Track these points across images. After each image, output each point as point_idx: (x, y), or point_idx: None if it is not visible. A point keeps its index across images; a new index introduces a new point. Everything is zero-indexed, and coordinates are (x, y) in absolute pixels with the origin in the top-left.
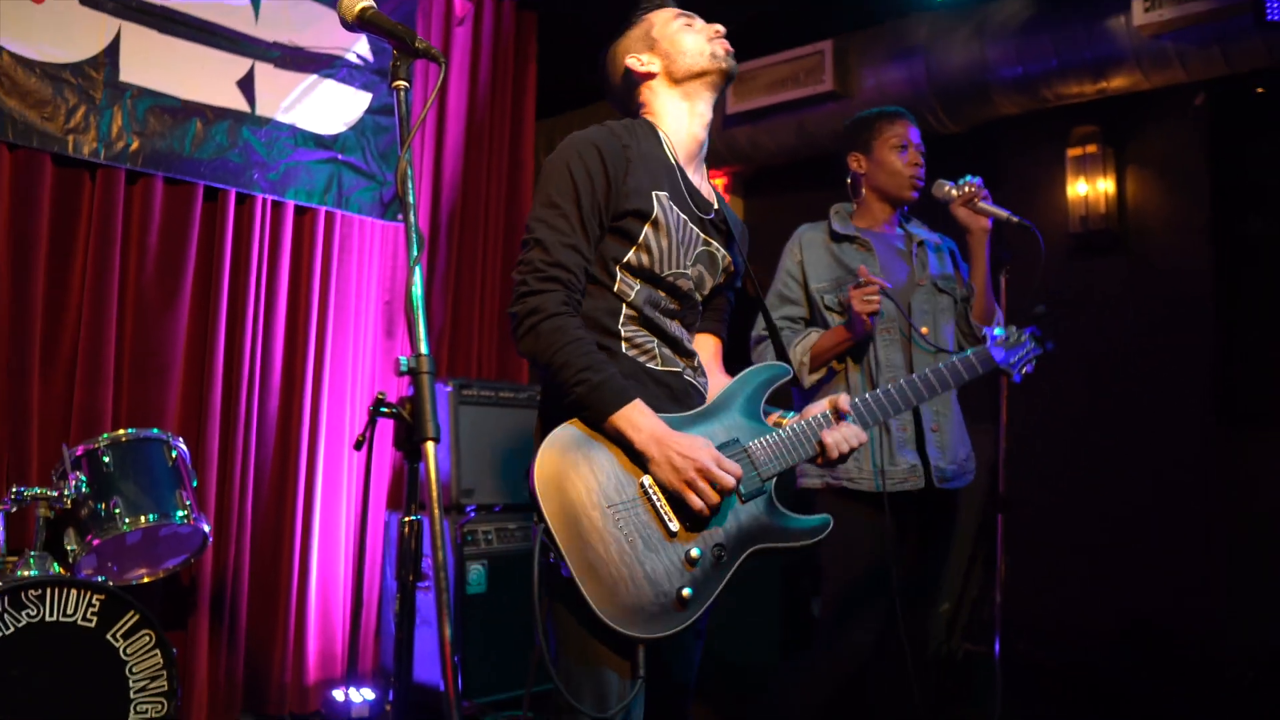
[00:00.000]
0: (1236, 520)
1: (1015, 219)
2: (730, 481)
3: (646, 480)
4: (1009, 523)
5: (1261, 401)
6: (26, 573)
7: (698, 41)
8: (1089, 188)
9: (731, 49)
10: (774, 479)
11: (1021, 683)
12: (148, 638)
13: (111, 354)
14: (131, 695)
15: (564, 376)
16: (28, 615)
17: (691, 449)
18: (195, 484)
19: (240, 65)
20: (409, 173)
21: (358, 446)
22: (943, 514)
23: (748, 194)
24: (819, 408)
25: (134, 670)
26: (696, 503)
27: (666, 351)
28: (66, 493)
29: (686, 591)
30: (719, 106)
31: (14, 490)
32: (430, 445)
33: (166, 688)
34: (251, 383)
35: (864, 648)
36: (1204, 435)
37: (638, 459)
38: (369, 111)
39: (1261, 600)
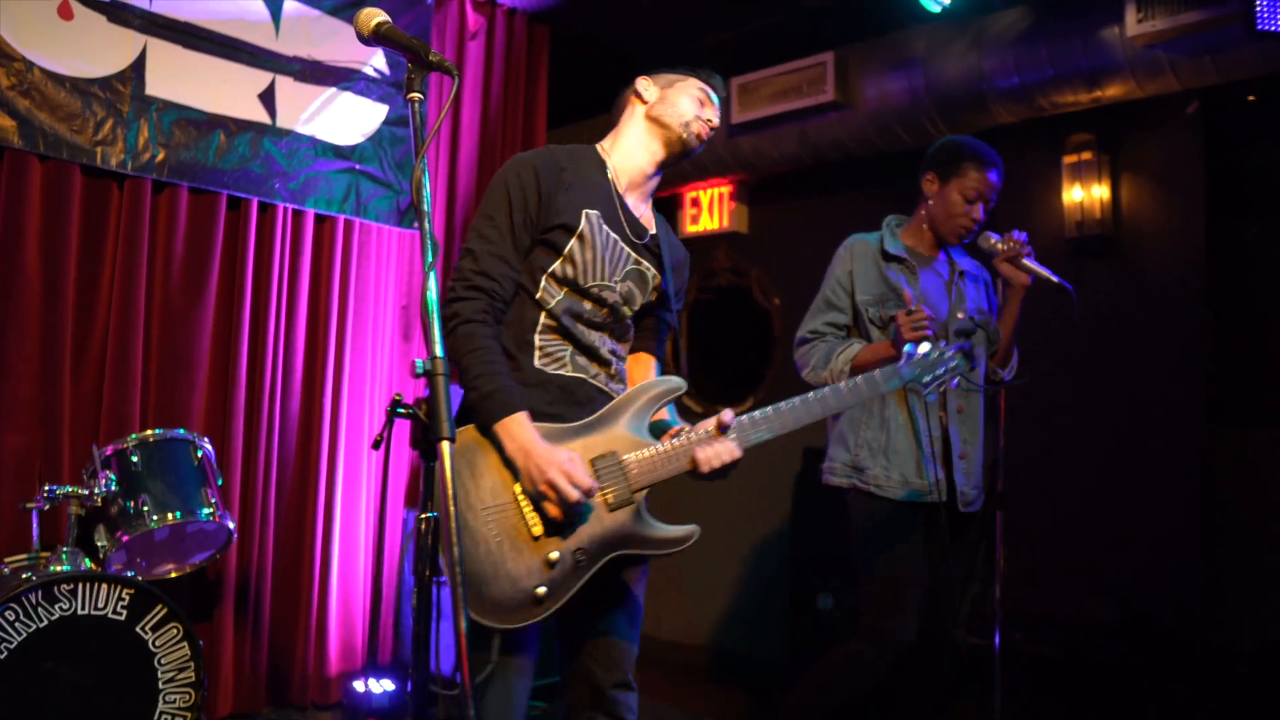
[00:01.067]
0: (1230, 516)
1: (1055, 280)
2: (574, 495)
3: (518, 487)
4: (1007, 519)
5: (1252, 401)
6: (59, 568)
7: (690, 110)
8: (1084, 194)
9: (706, 138)
10: (645, 490)
11: (1021, 675)
12: (175, 630)
13: (139, 357)
14: (160, 686)
15: (465, 380)
16: (60, 608)
17: (547, 463)
18: (220, 482)
19: (262, 79)
20: (424, 181)
21: (375, 446)
22: (961, 529)
23: (752, 202)
24: (707, 424)
25: (162, 661)
26: (551, 509)
27: (580, 359)
28: (97, 491)
29: (541, 590)
30: (724, 116)
31: (47, 489)
32: (445, 444)
33: (194, 678)
34: (274, 385)
35: (907, 641)
36: (1197, 433)
37: (511, 465)
38: (385, 123)
39: (1256, 594)
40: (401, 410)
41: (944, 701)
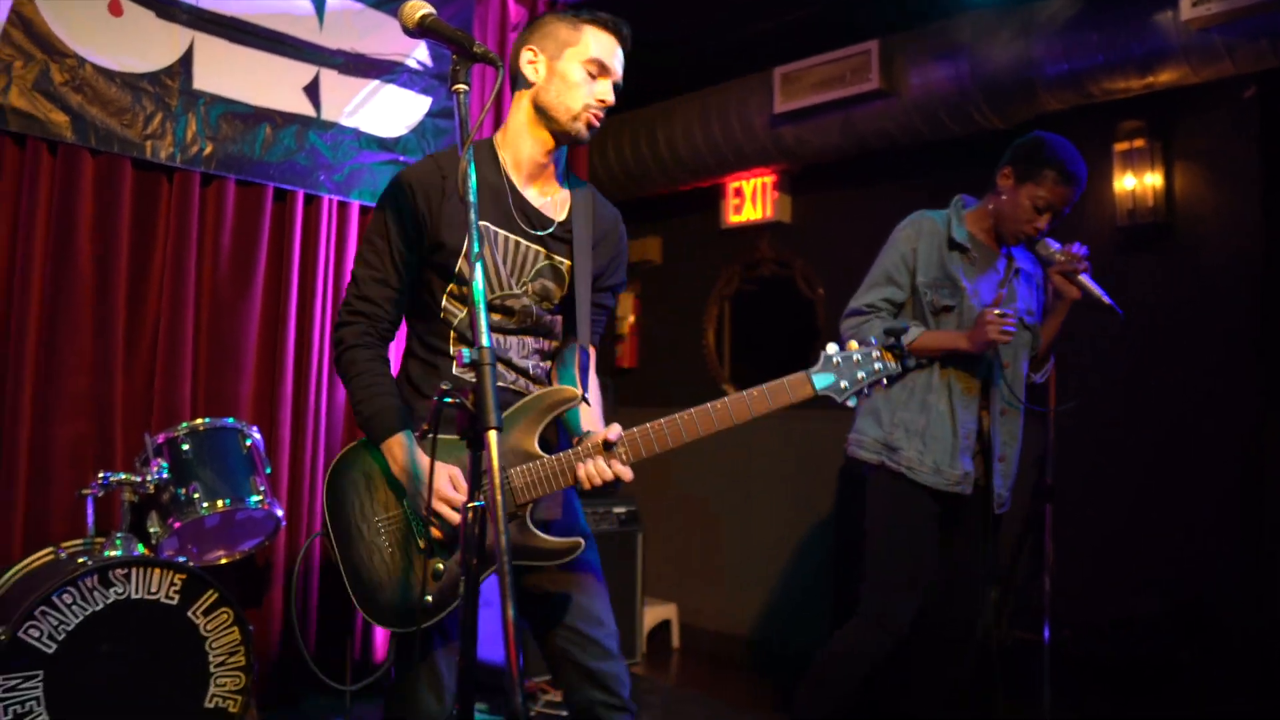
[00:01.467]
0: None
1: (1106, 302)
2: (455, 519)
3: (406, 501)
4: (1056, 511)
5: None
6: (113, 553)
7: (577, 99)
8: (1136, 182)
9: (598, 124)
10: (530, 505)
11: (1070, 669)
12: (226, 615)
13: (189, 348)
14: (211, 669)
15: (351, 402)
16: (115, 593)
17: (425, 486)
18: (269, 470)
19: (306, 72)
20: (470, 172)
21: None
22: (991, 529)
23: (795, 191)
24: (595, 438)
25: (213, 645)
26: (434, 531)
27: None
28: (149, 479)
29: (429, 598)
30: (766, 105)
31: (101, 476)
32: (492, 434)
33: (244, 662)
34: (320, 373)
35: (902, 625)
36: (1247, 423)
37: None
38: (429, 115)
39: None
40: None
41: (955, 696)
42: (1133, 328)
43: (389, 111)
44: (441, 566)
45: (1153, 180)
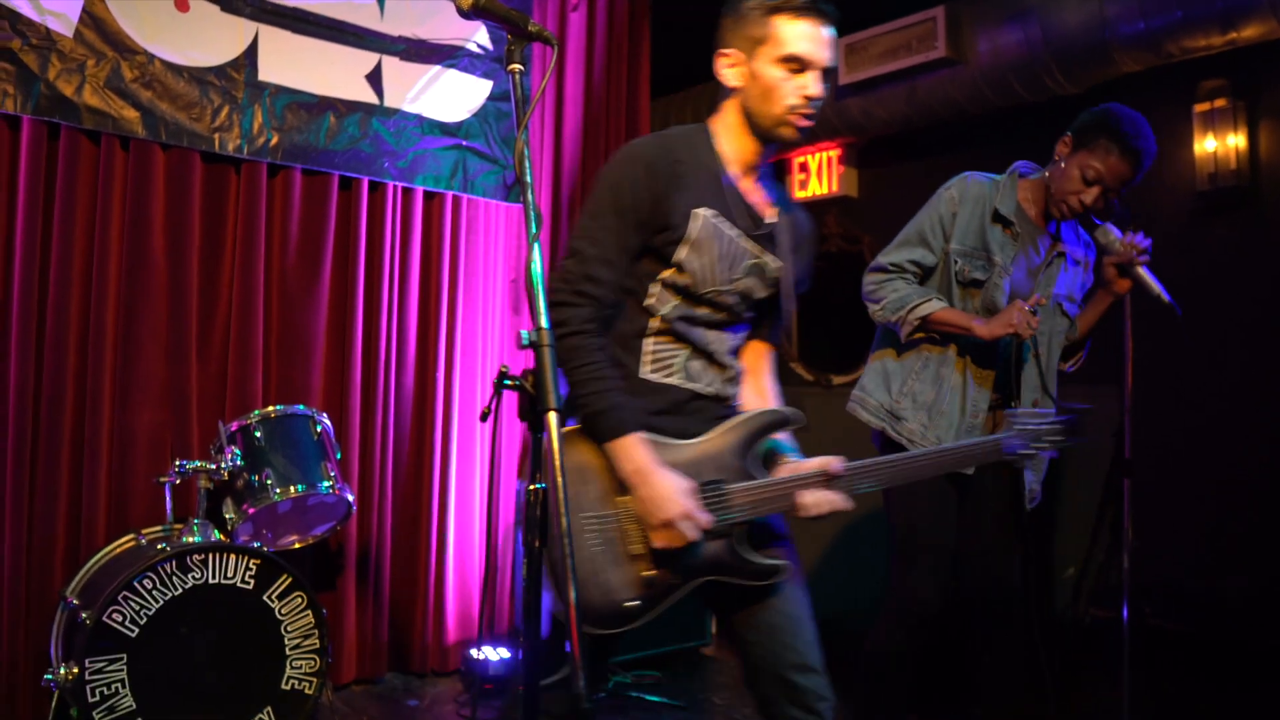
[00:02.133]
0: None
1: (1165, 299)
2: (691, 537)
3: (625, 500)
4: (1135, 487)
5: None
6: (191, 539)
7: (782, 104)
8: (1218, 144)
9: (809, 122)
10: (747, 528)
11: (1150, 648)
12: (300, 599)
13: (260, 336)
14: (287, 651)
15: (575, 394)
16: (193, 578)
17: (670, 501)
18: (339, 456)
19: (368, 60)
20: (525, 153)
21: (483, 418)
22: (1018, 507)
23: (861, 164)
24: (812, 464)
25: (288, 629)
26: (658, 542)
27: (695, 365)
28: (223, 465)
29: (632, 604)
30: (831, 77)
31: (178, 464)
32: (552, 415)
33: (318, 645)
34: (388, 360)
35: (925, 605)
36: None
37: (617, 479)
38: (490, 98)
39: None
40: (508, 382)
41: (1016, 679)
42: (1214, 298)
43: (451, 96)
44: (651, 574)
45: (1235, 141)
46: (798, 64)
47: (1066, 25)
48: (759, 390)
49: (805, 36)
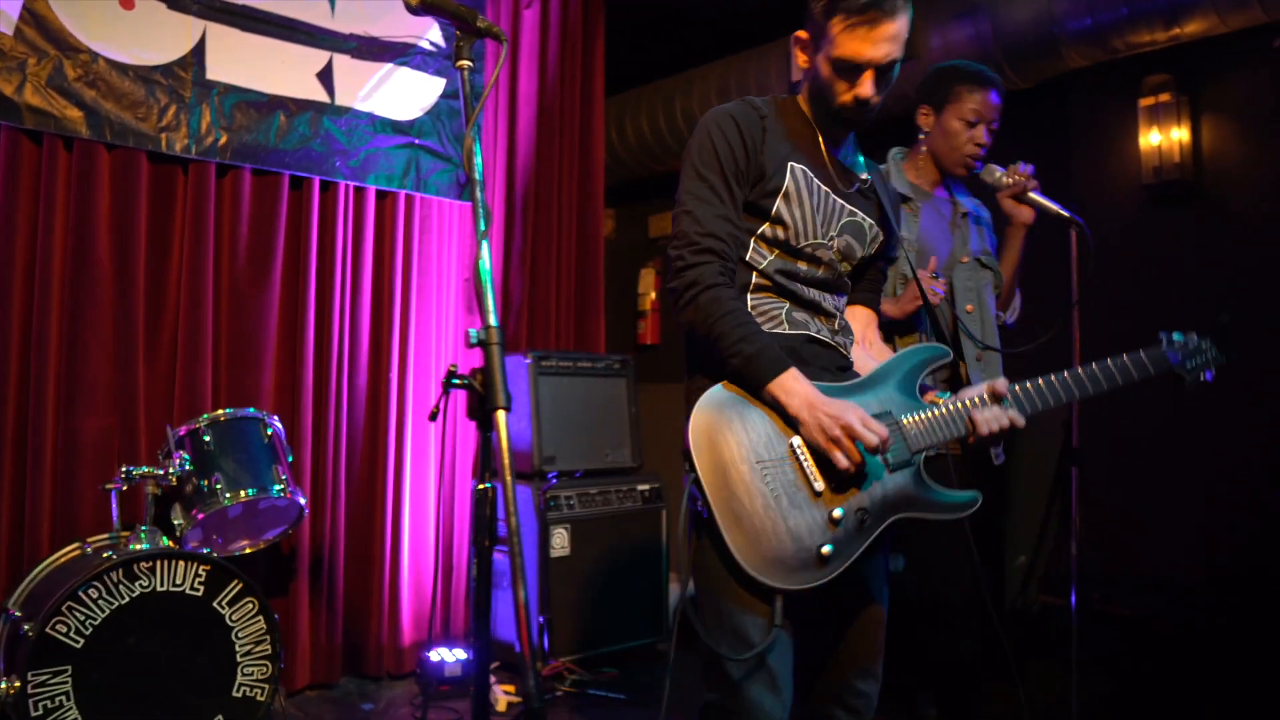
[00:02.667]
0: None
1: (1065, 214)
2: (874, 440)
3: (796, 441)
4: (1084, 476)
5: None
6: (138, 546)
7: (835, 102)
8: (1162, 138)
9: (865, 115)
10: (923, 453)
11: (1099, 634)
12: (251, 605)
13: (209, 339)
14: (238, 658)
15: (722, 347)
16: (140, 585)
17: (841, 411)
18: (291, 459)
19: (319, 58)
20: (475, 150)
21: (432, 418)
22: (978, 478)
23: None
24: (975, 391)
25: (239, 635)
26: (841, 461)
27: (798, 315)
28: (172, 471)
29: (826, 549)
30: (785, 74)
31: (124, 470)
32: (501, 414)
33: (270, 651)
34: (341, 361)
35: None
36: None
37: (790, 422)
38: (443, 96)
39: None
40: (456, 381)
41: (1018, 659)
42: (1161, 287)
43: (403, 94)
44: (840, 514)
45: (1179, 135)
46: (850, 66)
47: (1016, 21)
48: (876, 351)
49: (860, 38)
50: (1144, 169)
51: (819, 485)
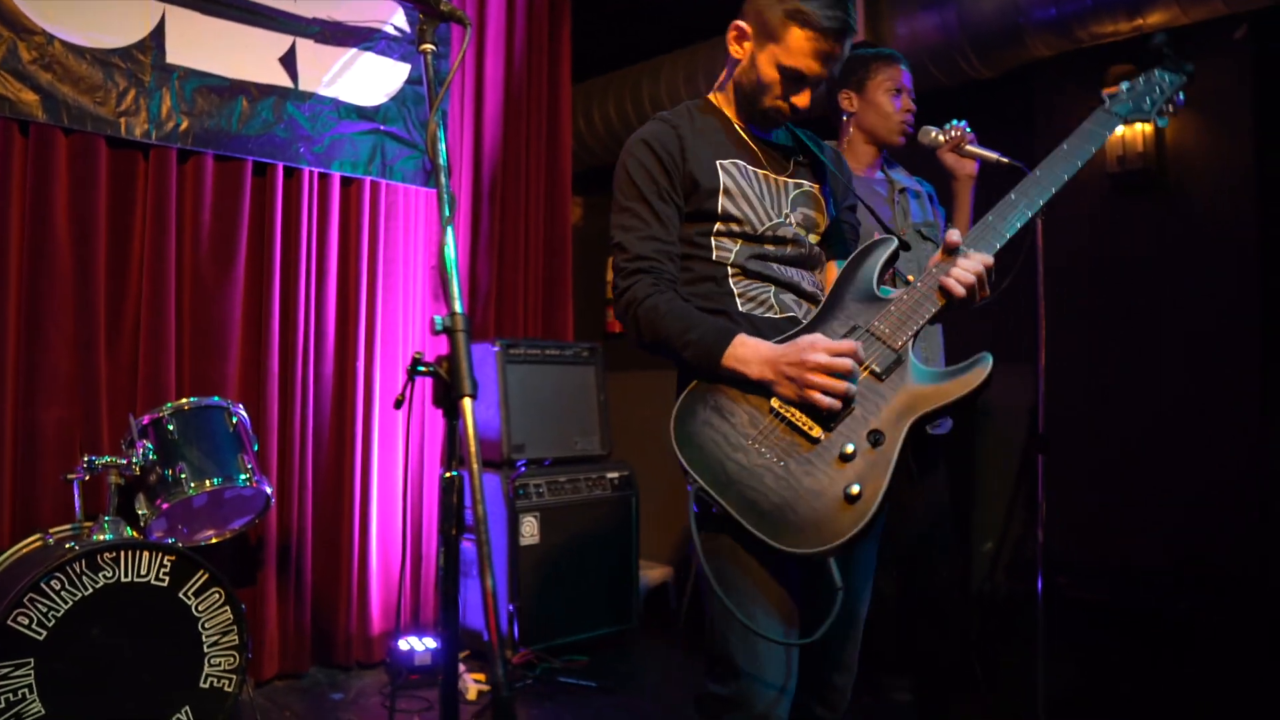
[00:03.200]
0: None
1: (1005, 160)
2: (845, 364)
3: (774, 403)
4: (1050, 462)
5: None
6: (102, 537)
7: (770, 103)
8: (1126, 128)
9: (793, 118)
10: (909, 343)
11: (1065, 620)
12: (217, 595)
13: (172, 327)
14: (205, 649)
15: (673, 348)
16: (104, 576)
17: (797, 355)
18: (256, 448)
19: (282, 42)
20: (440, 136)
21: (397, 405)
22: (931, 459)
23: None
24: (932, 260)
25: (206, 626)
26: (825, 401)
27: (786, 298)
28: (135, 460)
29: (854, 488)
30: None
31: (86, 459)
32: (467, 401)
33: (237, 641)
34: (307, 349)
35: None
36: (1250, 372)
37: (758, 389)
38: (408, 82)
39: None
40: (422, 368)
41: (984, 645)
42: (1127, 276)
43: (368, 80)
44: (851, 448)
45: (1143, 125)
46: (798, 76)
47: (982, 10)
48: None
49: (815, 55)
50: (1108, 158)
51: (814, 432)
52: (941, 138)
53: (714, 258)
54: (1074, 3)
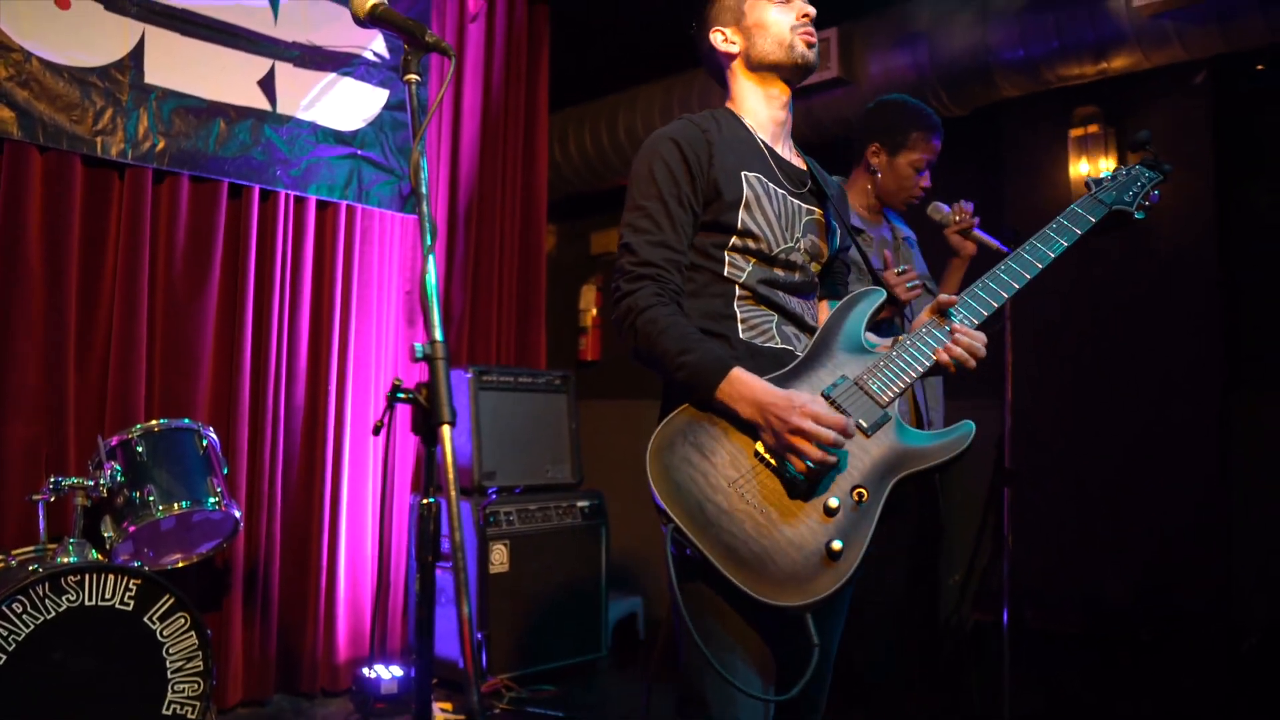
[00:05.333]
0: (1244, 487)
1: (1004, 250)
2: (829, 436)
3: (759, 447)
4: (1016, 495)
5: (1268, 369)
6: (66, 559)
7: (780, 28)
8: (1091, 167)
9: (815, 39)
10: (895, 402)
11: (1030, 651)
12: (183, 620)
13: (143, 348)
14: (169, 675)
15: (666, 366)
16: (68, 600)
17: (788, 410)
18: (226, 471)
19: (261, 65)
20: (422, 164)
21: (376, 432)
22: (928, 490)
23: None
24: (922, 319)
25: (170, 651)
26: (799, 465)
27: (787, 329)
28: (102, 482)
29: (836, 544)
30: (728, 94)
31: (52, 480)
32: (446, 429)
33: (202, 667)
34: (279, 373)
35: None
36: (1210, 404)
37: (746, 427)
38: (386, 108)
39: (1270, 567)
40: (401, 395)
41: (951, 675)
42: (1092, 313)
43: (346, 105)
44: (835, 503)
45: (1107, 165)
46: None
47: (953, 49)
48: None
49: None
50: (1074, 197)
51: (801, 487)
52: (954, 218)
53: (725, 273)
54: (1042, 45)
